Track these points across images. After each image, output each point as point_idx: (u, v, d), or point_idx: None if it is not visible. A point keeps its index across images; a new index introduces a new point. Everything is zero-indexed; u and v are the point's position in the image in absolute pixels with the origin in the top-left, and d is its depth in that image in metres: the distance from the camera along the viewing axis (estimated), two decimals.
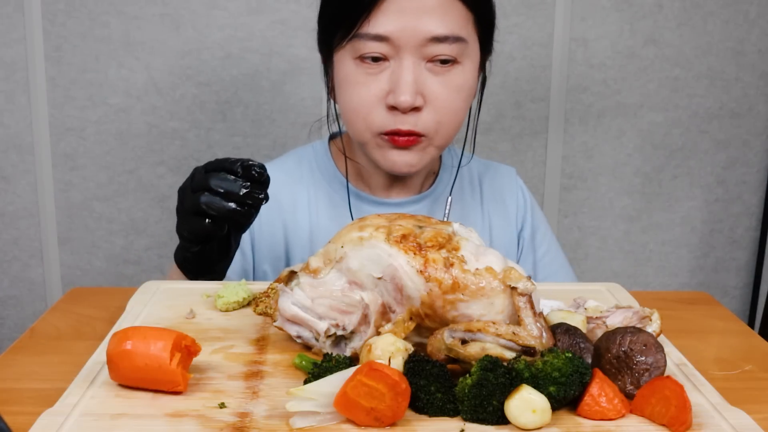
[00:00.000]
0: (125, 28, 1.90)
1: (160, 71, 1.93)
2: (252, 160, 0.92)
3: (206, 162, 0.96)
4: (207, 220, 0.93)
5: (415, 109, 1.06)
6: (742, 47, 2.02)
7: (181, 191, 0.97)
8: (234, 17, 1.91)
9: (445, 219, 1.20)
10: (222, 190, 0.91)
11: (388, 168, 1.12)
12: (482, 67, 1.17)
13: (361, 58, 1.06)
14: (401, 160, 1.10)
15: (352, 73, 1.07)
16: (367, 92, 1.07)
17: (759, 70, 2.04)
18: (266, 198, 0.93)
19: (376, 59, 1.06)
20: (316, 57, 1.18)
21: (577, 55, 1.99)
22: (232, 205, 0.91)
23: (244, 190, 0.91)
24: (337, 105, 1.16)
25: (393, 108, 1.06)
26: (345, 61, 1.08)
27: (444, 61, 1.06)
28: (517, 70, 1.98)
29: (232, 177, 0.91)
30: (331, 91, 1.17)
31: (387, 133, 1.07)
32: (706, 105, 2.05)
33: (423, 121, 1.07)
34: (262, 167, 0.92)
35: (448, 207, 1.19)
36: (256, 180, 0.92)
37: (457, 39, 1.05)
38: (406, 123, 1.06)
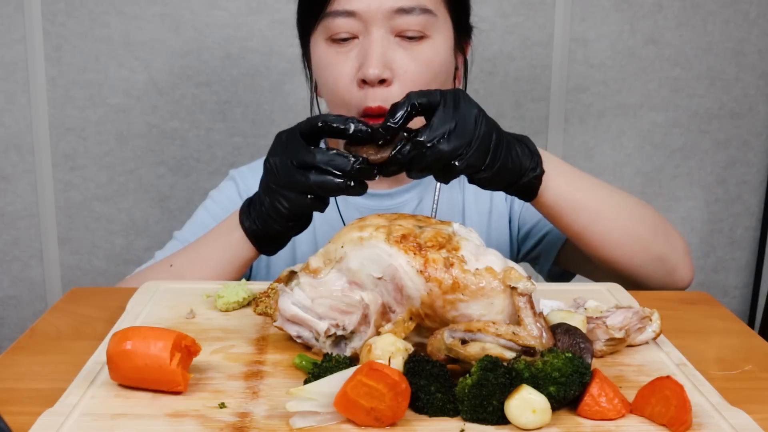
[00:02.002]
0: (125, 28, 1.90)
1: (160, 71, 1.93)
2: (358, 122, 0.86)
3: (297, 124, 0.91)
4: (309, 197, 0.89)
5: (385, 82, 1.05)
6: (742, 47, 2.02)
7: (280, 166, 0.91)
8: (234, 17, 1.91)
9: (434, 205, 1.20)
10: (332, 169, 0.86)
11: None
12: (461, 50, 1.16)
13: (332, 39, 1.07)
14: None
15: (324, 54, 1.09)
16: (339, 71, 1.07)
17: (759, 70, 2.04)
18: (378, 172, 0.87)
19: (345, 39, 1.07)
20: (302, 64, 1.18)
21: (577, 55, 1.99)
22: (345, 182, 0.86)
23: (357, 166, 0.85)
24: (320, 98, 1.17)
25: (364, 83, 1.06)
26: (318, 44, 1.09)
27: (413, 37, 1.06)
28: (517, 70, 1.98)
29: (337, 151, 0.86)
30: (315, 86, 1.17)
31: (363, 113, 1.07)
32: (706, 105, 2.05)
33: (392, 96, 1.05)
34: (371, 128, 0.86)
35: (437, 193, 1.19)
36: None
37: (424, 10, 1.06)
38: (375, 99, 1.05)
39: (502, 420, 0.64)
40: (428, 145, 0.84)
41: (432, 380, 0.65)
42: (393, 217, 0.76)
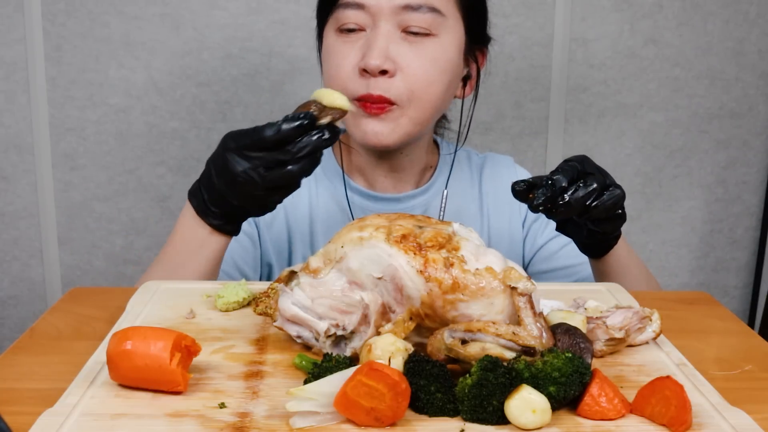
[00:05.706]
0: (125, 28, 1.90)
1: (160, 71, 1.93)
2: (285, 122, 0.89)
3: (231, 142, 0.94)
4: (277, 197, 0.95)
5: (386, 73, 1.08)
6: (742, 47, 2.02)
7: (246, 184, 0.93)
8: (234, 17, 1.91)
9: (442, 211, 1.21)
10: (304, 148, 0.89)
11: (360, 139, 1.12)
12: (473, 57, 1.18)
13: (341, 29, 1.10)
14: (371, 129, 1.10)
15: (332, 43, 1.12)
16: (343, 60, 1.10)
17: (759, 70, 2.04)
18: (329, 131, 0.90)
19: (353, 30, 1.10)
20: (316, 57, 1.19)
21: (577, 55, 1.99)
22: (305, 164, 0.90)
23: (309, 146, 0.89)
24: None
25: (365, 72, 1.08)
26: (329, 35, 1.13)
27: (418, 33, 1.09)
28: (517, 70, 1.98)
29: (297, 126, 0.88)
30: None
31: (360, 99, 1.09)
32: (706, 105, 2.05)
33: (395, 88, 1.08)
34: (299, 117, 0.89)
35: (444, 200, 1.20)
36: (307, 126, 0.89)
37: (431, 9, 1.08)
38: (377, 88, 1.08)
39: (502, 420, 0.64)
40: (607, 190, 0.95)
41: (432, 380, 0.65)
42: (393, 217, 0.76)
